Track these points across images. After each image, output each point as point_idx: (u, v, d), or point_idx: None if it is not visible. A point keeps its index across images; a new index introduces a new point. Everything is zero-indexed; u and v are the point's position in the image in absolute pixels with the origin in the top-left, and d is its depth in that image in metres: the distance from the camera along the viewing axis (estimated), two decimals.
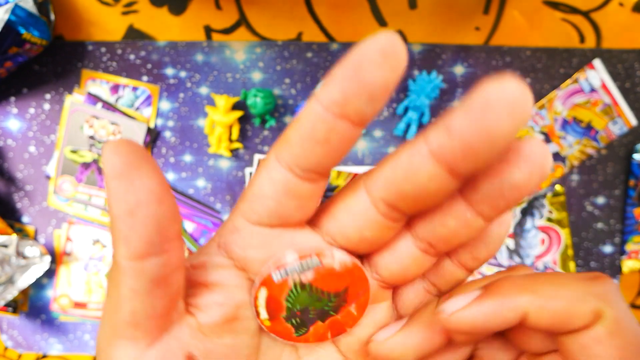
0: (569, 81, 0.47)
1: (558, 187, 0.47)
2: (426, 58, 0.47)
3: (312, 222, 0.15)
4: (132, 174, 0.12)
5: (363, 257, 0.16)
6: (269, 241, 0.14)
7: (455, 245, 0.15)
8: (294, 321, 0.16)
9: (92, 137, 0.47)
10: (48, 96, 0.48)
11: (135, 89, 0.47)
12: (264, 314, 0.15)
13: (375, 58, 0.11)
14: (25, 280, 0.45)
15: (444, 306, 0.14)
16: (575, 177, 0.48)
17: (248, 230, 0.14)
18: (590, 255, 0.49)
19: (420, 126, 0.47)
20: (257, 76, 0.47)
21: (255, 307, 0.15)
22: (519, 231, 0.48)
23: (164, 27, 0.47)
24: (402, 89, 0.47)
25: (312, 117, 0.12)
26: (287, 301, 0.15)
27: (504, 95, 0.11)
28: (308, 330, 0.16)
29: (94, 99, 0.47)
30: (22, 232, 0.50)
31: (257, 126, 0.48)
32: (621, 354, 0.13)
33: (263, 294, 0.15)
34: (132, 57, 0.47)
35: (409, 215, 0.14)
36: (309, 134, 0.13)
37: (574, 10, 0.46)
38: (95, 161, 0.47)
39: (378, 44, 0.11)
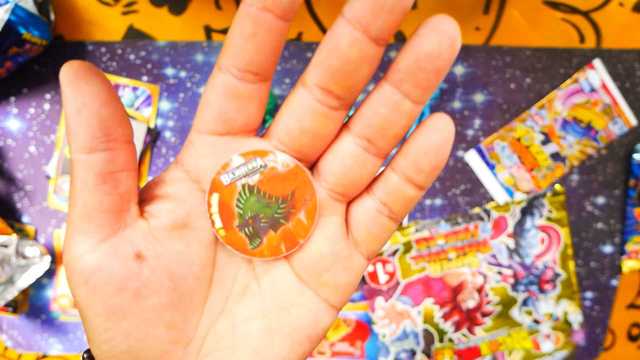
0: (569, 81, 0.47)
1: (557, 187, 0.47)
2: None
3: (263, 135, 0.16)
4: (80, 82, 0.14)
5: (311, 168, 0.17)
6: (218, 149, 0.16)
7: (392, 136, 0.16)
8: (247, 230, 0.16)
9: None
10: (48, 96, 0.48)
11: (135, 89, 0.47)
12: (218, 223, 0.16)
13: None
14: (25, 280, 0.45)
15: None
16: (575, 177, 0.48)
17: (199, 140, 0.16)
18: (590, 255, 0.49)
19: None
20: None
21: (210, 216, 0.16)
22: (518, 230, 0.48)
23: (164, 27, 0.47)
24: None
25: (241, 16, 0.14)
26: (237, 207, 0.16)
27: None
28: (262, 241, 0.16)
29: None
30: (22, 232, 0.50)
31: None
32: None
33: (215, 199, 0.16)
34: (132, 57, 0.47)
35: (345, 100, 0.15)
36: (239, 33, 0.14)
37: (574, 10, 0.46)
38: None
39: None
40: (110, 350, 0.15)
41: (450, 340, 0.48)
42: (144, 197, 0.16)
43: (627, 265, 0.49)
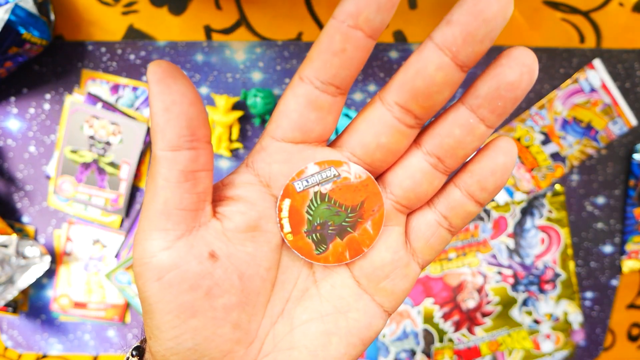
0: (569, 81, 0.47)
1: (558, 187, 0.47)
2: None
3: (334, 144, 0.17)
4: (170, 80, 0.14)
5: (377, 179, 0.18)
6: (292, 156, 0.16)
7: (462, 156, 0.16)
8: (314, 236, 0.17)
9: (92, 137, 0.47)
10: (48, 96, 0.48)
11: (135, 89, 0.47)
12: (287, 227, 0.17)
13: None
14: (25, 280, 0.45)
15: None
16: (575, 177, 0.48)
17: (273, 146, 0.16)
18: (590, 255, 0.49)
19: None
20: (257, 76, 0.47)
21: (279, 220, 0.17)
22: (518, 230, 0.48)
23: (164, 27, 0.47)
24: None
25: (330, 31, 0.14)
26: (307, 213, 0.17)
27: None
28: (327, 247, 0.17)
29: (94, 99, 0.47)
30: (22, 232, 0.50)
31: (257, 126, 0.48)
32: None
33: (286, 205, 0.16)
34: (132, 57, 0.47)
35: (421, 119, 0.16)
36: (327, 47, 0.15)
37: (574, 10, 0.46)
38: (96, 161, 0.47)
39: None
40: (175, 348, 0.16)
41: (450, 340, 0.48)
42: (215, 198, 0.17)
43: (627, 265, 0.49)
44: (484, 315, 0.48)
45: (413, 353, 0.48)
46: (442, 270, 0.47)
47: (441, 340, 0.48)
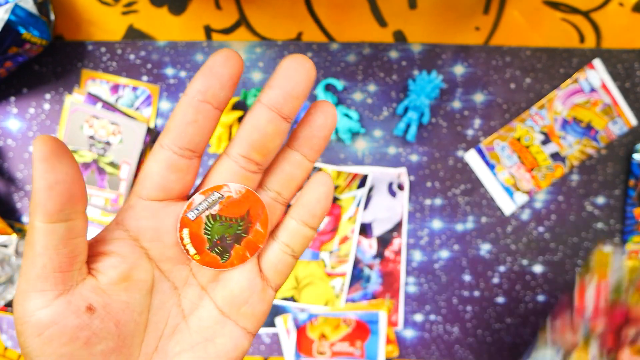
0: (569, 81, 0.47)
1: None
2: (426, 58, 0.47)
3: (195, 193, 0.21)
4: (54, 160, 0.16)
5: None
6: (157, 212, 0.19)
7: (295, 187, 0.21)
8: (217, 249, 0.19)
9: (92, 137, 0.47)
10: (48, 96, 0.48)
11: (135, 89, 0.47)
12: (192, 250, 0.19)
13: (221, 61, 0.17)
14: None
15: None
16: (575, 177, 0.48)
17: (140, 205, 0.19)
18: (591, 255, 0.49)
19: (420, 126, 0.47)
20: (257, 76, 0.47)
21: (184, 247, 0.19)
22: None
23: (164, 27, 0.47)
24: (402, 89, 0.47)
25: (184, 105, 0.18)
26: (205, 234, 0.19)
27: (294, 63, 0.18)
28: (230, 254, 0.20)
29: (94, 99, 0.47)
30: (22, 232, 0.50)
31: None
32: None
33: (186, 233, 0.19)
34: (132, 57, 0.47)
35: (261, 165, 0.20)
36: (182, 118, 0.18)
37: (574, 10, 0.46)
38: (95, 161, 0.47)
39: (222, 53, 0.17)
40: None
41: None
42: (89, 254, 0.18)
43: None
44: None
45: None
46: None
47: None
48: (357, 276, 0.49)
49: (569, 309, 0.43)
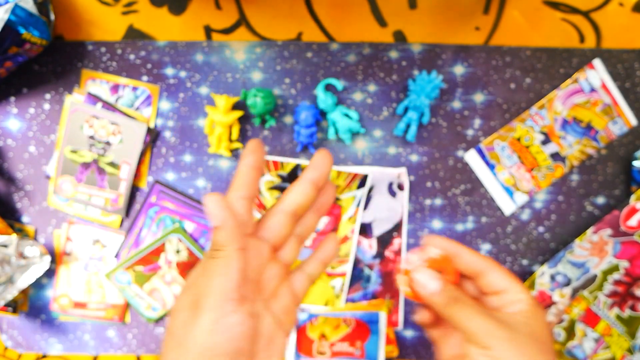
0: (569, 81, 0.47)
1: None
2: (426, 58, 0.47)
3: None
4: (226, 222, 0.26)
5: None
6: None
7: (310, 233, 0.31)
8: None
9: (92, 137, 0.47)
10: (48, 96, 0.48)
11: (135, 89, 0.47)
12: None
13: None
14: (25, 280, 0.45)
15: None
16: (575, 177, 0.48)
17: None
18: None
19: (420, 126, 0.47)
20: (257, 76, 0.47)
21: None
22: None
23: (164, 27, 0.47)
24: (402, 89, 0.47)
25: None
26: None
27: (322, 160, 0.28)
28: None
29: (94, 99, 0.47)
30: (22, 232, 0.50)
31: (257, 126, 0.48)
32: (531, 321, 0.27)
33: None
34: (132, 57, 0.47)
35: (300, 217, 0.29)
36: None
37: (574, 10, 0.46)
38: (95, 161, 0.47)
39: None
40: None
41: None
42: None
43: None
44: None
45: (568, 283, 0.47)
46: None
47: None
48: (357, 276, 0.49)
49: None
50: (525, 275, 0.49)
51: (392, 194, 0.48)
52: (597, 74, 0.46)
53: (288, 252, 0.30)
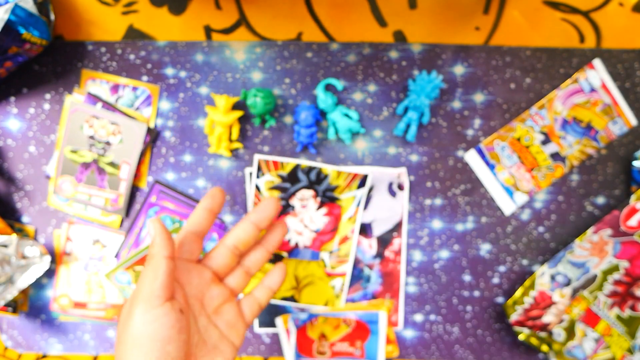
0: (569, 81, 0.47)
1: None
2: (426, 58, 0.47)
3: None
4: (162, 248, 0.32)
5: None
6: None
7: (258, 267, 0.39)
8: None
9: (92, 137, 0.47)
10: (48, 96, 0.48)
11: (135, 88, 0.47)
12: None
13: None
14: (25, 280, 0.45)
15: None
16: (575, 177, 0.48)
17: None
18: None
19: (420, 126, 0.47)
20: (257, 76, 0.47)
21: None
22: None
23: (164, 27, 0.47)
24: (402, 89, 0.47)
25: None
26: None
27: (266, 206, 0.38)
28: None
29: (94, 98, 0.47)
30: (22, 232, 0.50)
31: (257, 126, 0.48)
32: None
33: None
34: (132, 57, 0.47)
35: (245, 252, 0.38)
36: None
37: (574, 10, 0.46)
38: (95, 161, 0.47)
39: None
40: None
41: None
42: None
43: None
44: None
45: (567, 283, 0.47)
46: None
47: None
48: (357, 276, 0.49)
49: None
50: (525, 275, 0.49)
51: (392, 194, 0.48)
52: (597, 74, 0.46)
53: (234, 280, 0.37)
